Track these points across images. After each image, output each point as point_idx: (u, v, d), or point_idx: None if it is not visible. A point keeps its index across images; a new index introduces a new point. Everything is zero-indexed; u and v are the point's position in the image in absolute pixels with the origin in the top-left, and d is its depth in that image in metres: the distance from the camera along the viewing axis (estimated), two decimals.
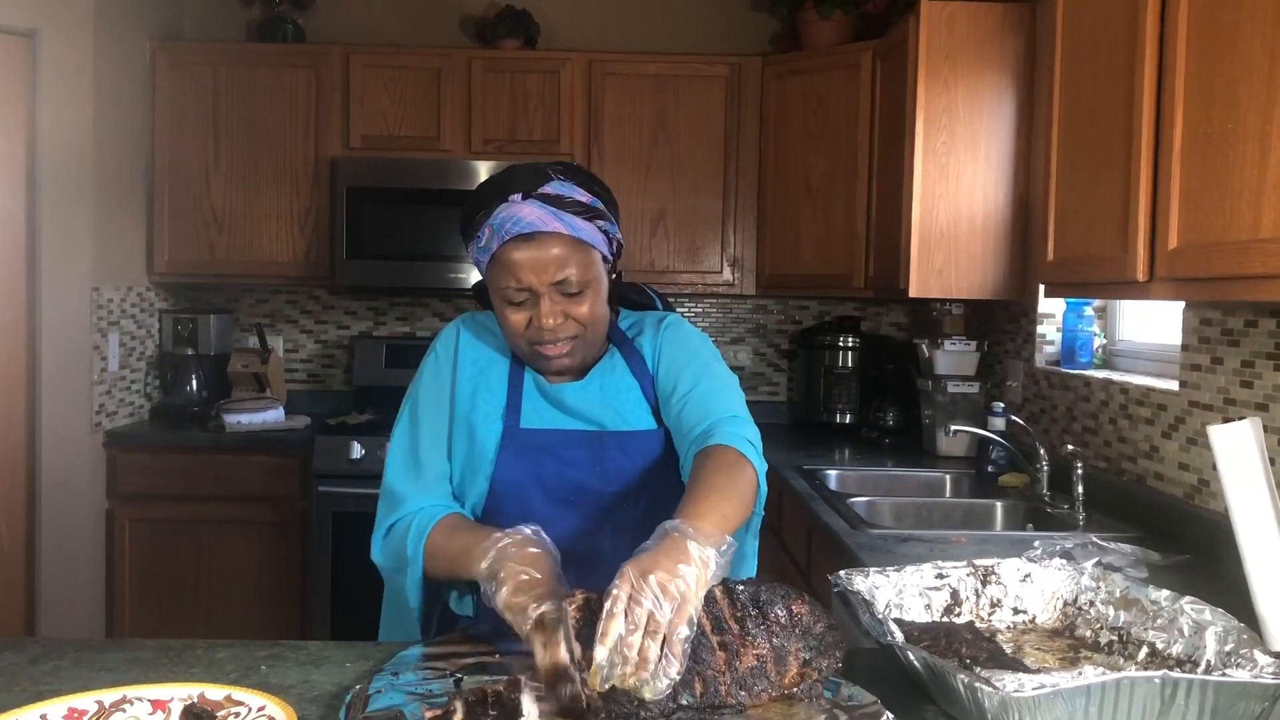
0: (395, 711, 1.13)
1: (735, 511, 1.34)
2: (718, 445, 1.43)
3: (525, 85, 3.88)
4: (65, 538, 3.43)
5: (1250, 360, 2.08)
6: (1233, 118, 1.53)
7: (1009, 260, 3.21)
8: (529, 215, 1.44)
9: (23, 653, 1.39)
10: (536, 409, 1.58)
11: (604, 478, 1.54)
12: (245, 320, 4.24)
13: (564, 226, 1.45)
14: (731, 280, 3.97)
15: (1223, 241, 1.56)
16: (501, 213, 1.45)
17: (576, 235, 1.47)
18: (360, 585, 3.52)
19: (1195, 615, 1.27)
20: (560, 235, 1.46)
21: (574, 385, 1.57)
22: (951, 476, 3.17)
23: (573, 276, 1.47)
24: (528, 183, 1.47)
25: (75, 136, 3.43)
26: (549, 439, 1.56)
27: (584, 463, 1.54)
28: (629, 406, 1.58)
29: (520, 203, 1.45)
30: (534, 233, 1.44)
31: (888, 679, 1.28)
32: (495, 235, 1.46)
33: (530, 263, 1.45)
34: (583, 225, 1.47)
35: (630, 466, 1.55)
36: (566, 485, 1.54)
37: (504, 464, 1.53)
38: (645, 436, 1.57)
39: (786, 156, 3.85)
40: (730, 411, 1.51)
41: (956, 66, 3.15)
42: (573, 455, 1.54)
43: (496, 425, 1.56)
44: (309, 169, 3.86)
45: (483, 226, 1.47)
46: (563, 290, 1.48)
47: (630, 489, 1.55)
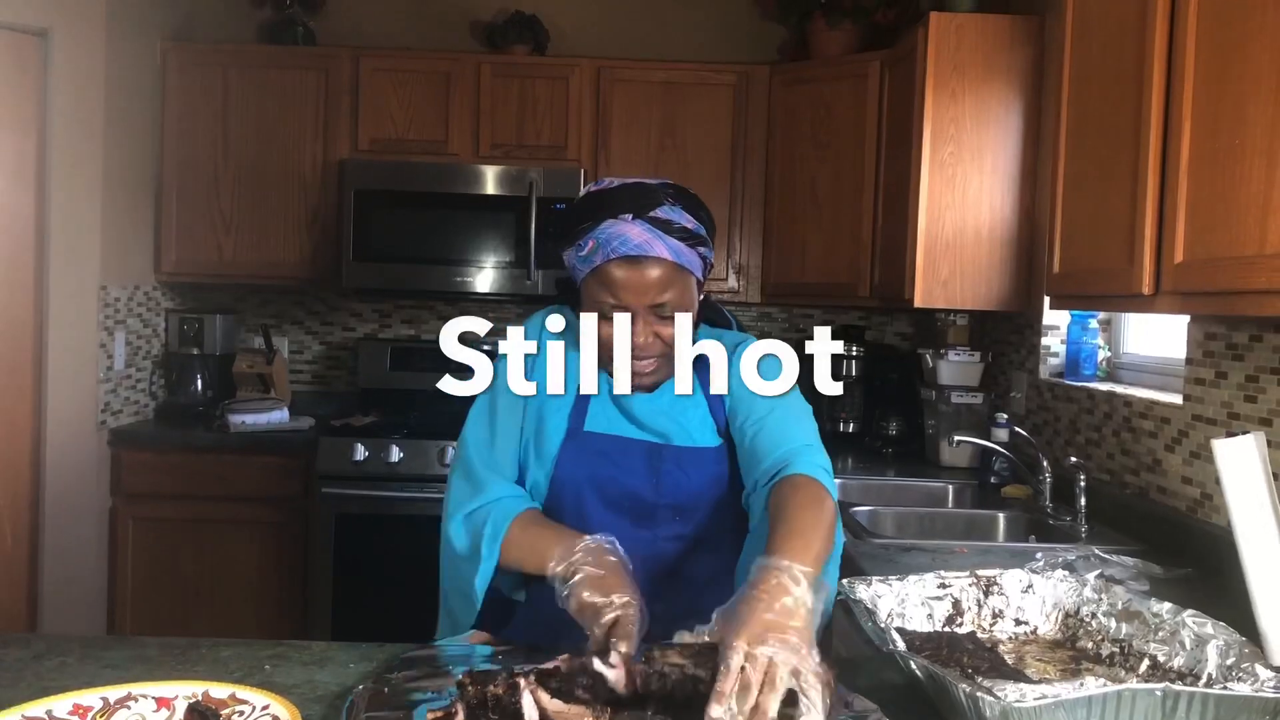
0: (399, 713, 1.14)
1: (825, 550, 1.35)
2: (800, 475, 1.44)
3: (534, 91, 3.89)
4: (69, 535, 3.44)
5: (1255, 375, 2.08)
6: (1240, 133, 1.54)
7: (1014, 272, 3.21)
8: (637, 237, 1.47)
9: (28, 649, 1.40)
10: (605, 413, 1.60)
11: (658, 489, 1.56)
12: (251, 321, 4.25)
13: (669, 252, 1.48)
14: (737, 288, 3.98)
15: (1228, 256, 1.56)
16: (610, 228, 1.48)
17: (678, 260, 1.49)
18: (362, 587, 3.54)
19: (1197, 628, 1.27)
20: (664, 260, 1.48)
21: (644, 396, 1.59)
22: (954, 487, 3.17)
23: (670, 300, 1.50)
24: (640, 203, 1.49)
25: (85, 136, 3.44)
26: (609, 445, 1.58)
27: (640, 472, 1.56)
28: (694, 422, 1.59)
29: (630, 222, 1.48)
30: (640, 255, 1.47)
31: (889, 688, 1.28)
32: (600, 250, 1.48)
33: (632, 284, 1.48)
34: (685, 251, 1.50)
35: (685, 481, 1.57)
36: (621, 492, 1.56)
37: (564, 462, 1.55)
38: (705, 454, 1.59)
39: (793, 165, 3.86)
40: (805, 440, 1.53)
41: (964, 78, 3.15)
42: (630, 464, 1.56)
43: (563, 423, 1.58)
44: (317, 171, 3.87)
45: (588, 237, 1.49)
46: (658, 313, 1.50)
47: (684, 503, 1.57)
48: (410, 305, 4.29)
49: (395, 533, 3.50)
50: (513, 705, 1.08)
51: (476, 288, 3.79)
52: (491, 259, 3.78)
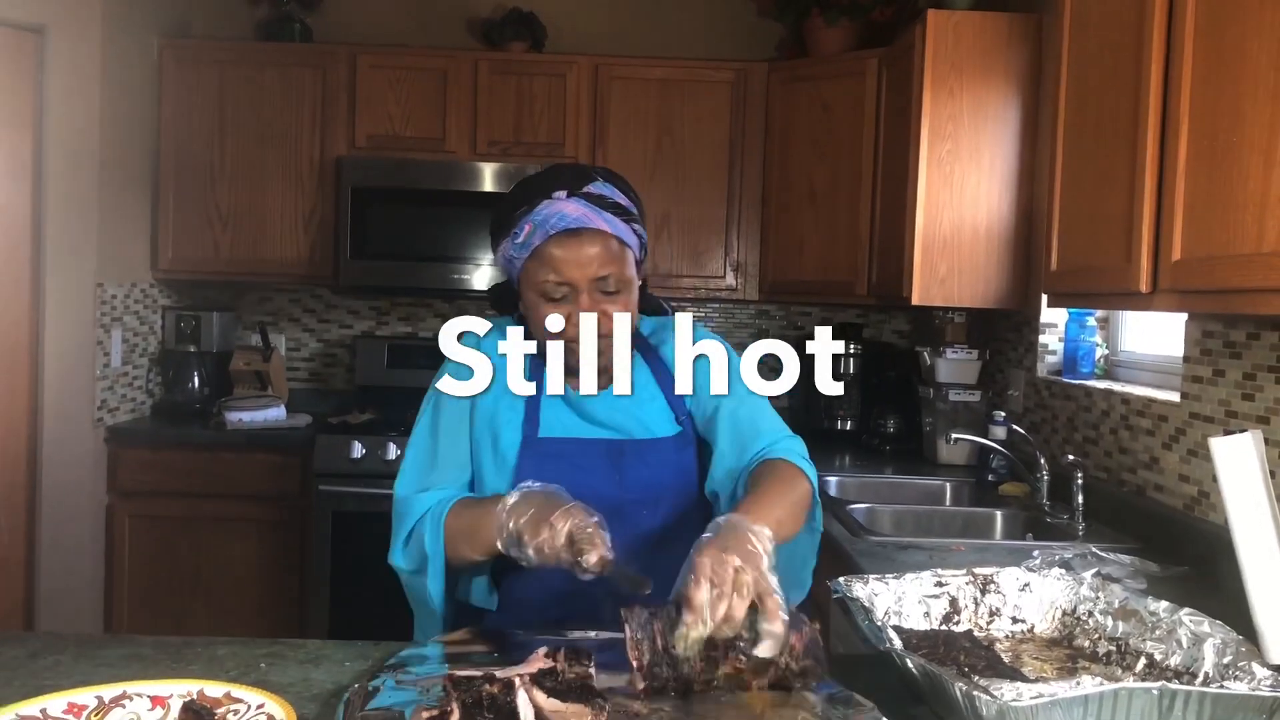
0: (393, 711, 1.14)
1: (789, 517, 1.40)
2: (775, 459, 1.48)
3: (531, 88, 3.88)
4: (65, 532, 3.43)
5: (1252, 373, 2.08)
6: (1238, 131, 1.53)
7: (1012, 269, 3.21)
8: (574, 212, 1.48)
9: (23, 647, 1.40)
10: (559, 417, 1.59)
11: (623, 485, 1.56)
12: (248, 318, 4.24)
13: (607, 225, 1.49)
14: (734, 285, 3.98)
15: (1226, 254, 1.56)
16: (545, 208, 1.49)
17: (617, 234, 1.50)
18: (358, 585, 3.54)
19: (1194, 627, 1.27)
20: (603, 233, 1.49)
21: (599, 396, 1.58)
22: (952, 485, 3.17)
23: (613, 274, 1.50)
24: (573, 181, 1.51)
25: (82, 132, 3.43)
26: (567, 448, 1.57)
27: (602, 471, 1.56)
28: (652, 414, 1.59)
29: (565, 200, 1.49)
30: (579, 228, 1.48)
31: (885, 686, 1.28)
32: (538, 230, 1.48)
33: (574, 258, 1.48)
34: (622, 226, 1.51)
35: (649, 475, 1.57)
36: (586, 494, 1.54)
37: (524, 472, 1.53)
38: (665, 444, 1.59)
39: (791, 163, 3.86)
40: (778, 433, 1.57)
41: (962, 75, 3.15)
42: (591, 464, 1.56)
43: (516, 434, 1.57)
44: (314, 168, 3.87)
45: (523, 222, 1.50)
46: (602, 289, 1.51)
47: (650, 497, 1.57)
48: (408, 303, 4.28)
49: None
50: (508, 704, 1.08)
51: (474, 285, 3.79)
52: (489, 256, 3.77)
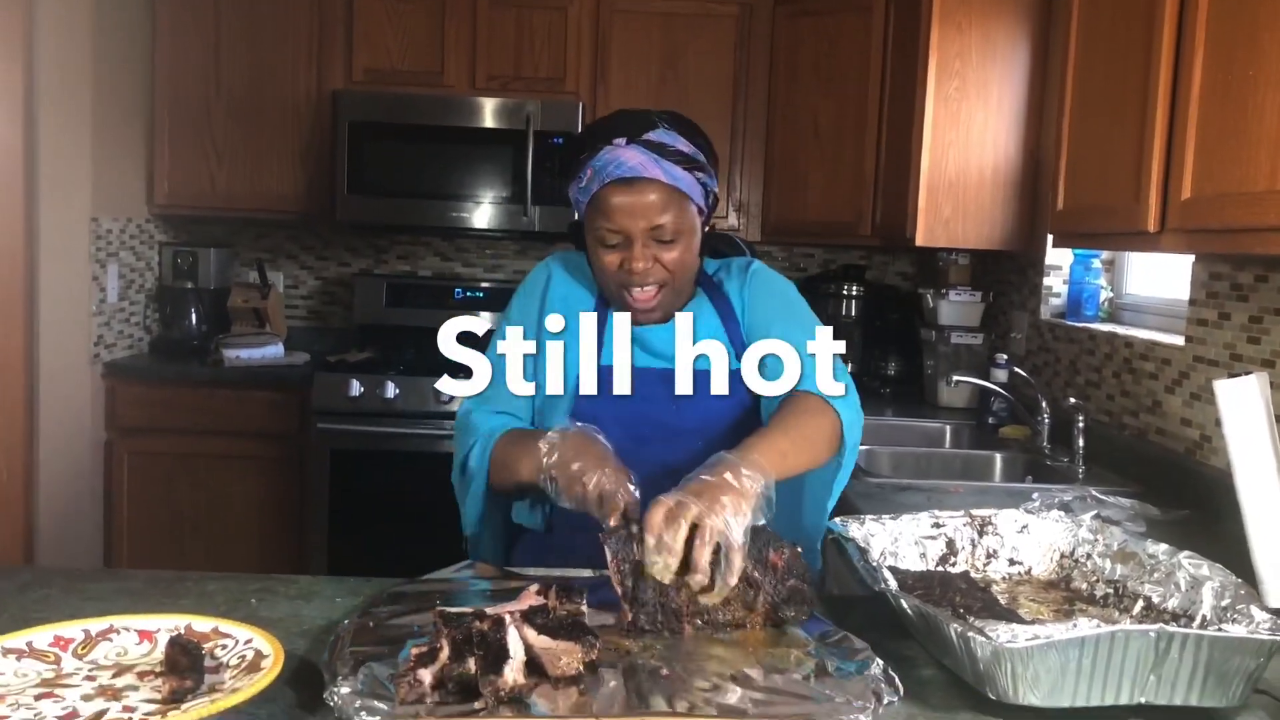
0: (384, 648, 1.13)
1: (795, 449, 1.39)
2: (801, 392, 1.46)
3: (531, 21, 3.80)
4: (64, 469, 3.43)
5: (1259, 316, 2.06)
6: (1254, 63, 1.49)
7: (1017, 211, 3.17)
8: (631, 160, 1.48)
9: (13, 580, 1.39)
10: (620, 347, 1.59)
11: (680, 414, 1.56)
12: (246, 255, 4.21)
13: (663, 174, 1.49)
14: (737, 225, 3.93)
15: (1237, 192, 1.53)
16: (604, 155, 1.49)
17: (675, 184, 1.50)
18: (357, 523, 3.55)
19: (1193, 570, 1.26)
20: (659, 182, 1.49)
21: (658, 327, 1.59)
22: (952, 427, 3.16)
23: (667, 224, 1.51)
24: (633, 128, 1.50)
25: (74, 64, 3.37)
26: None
27: (660, 399, 1.55)
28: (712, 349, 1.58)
29: (624, 147, 1.49)
30: (634, 178, 1.48)
31: (880, 627, 1.27)
32: (596, 177, 1.50)
33: (628, 207, 1.49)
34: (682, 175, 1.50)
35: (704, 405, 1.55)
36: (643, 421, 1.56)
37: (584, 399, 1.54)
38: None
39: (796, 100, 3.79)
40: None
41: (971, 11, 3.08)
42: (649, 391, 1.55)
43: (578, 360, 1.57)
44: (310, 102, 3.80)
45: (585, 167, 1.51)
46: (656, 237, 1.52)
47: (705, 426, 1.57)
48: (406, 241, 4.24)
49: (390, 468, 3.50)
50: (498, 641, 1.07)
51: (473, 224, 3.75)
52: (488, 194, 3.73)
